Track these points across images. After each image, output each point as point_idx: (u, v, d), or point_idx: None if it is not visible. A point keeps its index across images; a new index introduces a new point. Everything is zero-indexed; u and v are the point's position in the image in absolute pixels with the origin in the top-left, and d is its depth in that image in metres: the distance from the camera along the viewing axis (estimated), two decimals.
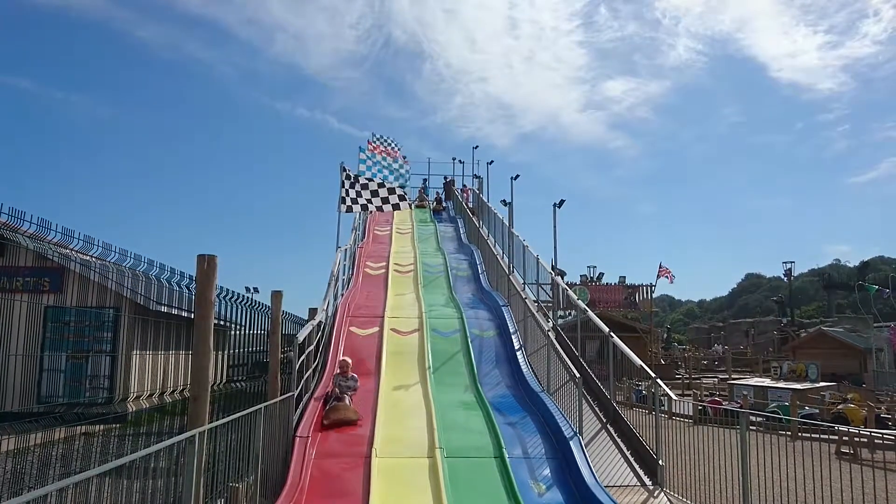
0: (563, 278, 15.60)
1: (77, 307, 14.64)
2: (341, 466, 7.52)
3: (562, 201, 20.84)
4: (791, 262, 51.60)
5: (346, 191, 15.40)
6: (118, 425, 10.44)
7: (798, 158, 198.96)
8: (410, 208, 16.53)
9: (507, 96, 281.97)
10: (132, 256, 15.37)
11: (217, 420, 5.34)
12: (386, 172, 19.20)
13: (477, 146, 35.60)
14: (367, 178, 15.99)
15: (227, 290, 9.27)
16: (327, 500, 6.82)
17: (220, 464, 5.53)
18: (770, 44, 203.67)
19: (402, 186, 16.14)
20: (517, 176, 18.98)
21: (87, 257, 15.39)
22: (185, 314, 15.54)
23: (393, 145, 24.82)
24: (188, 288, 12.87)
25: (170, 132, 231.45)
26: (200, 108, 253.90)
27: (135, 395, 13.82)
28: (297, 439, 7.83)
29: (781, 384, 23.83)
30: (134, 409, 13.32)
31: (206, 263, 5.12)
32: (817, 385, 23.17)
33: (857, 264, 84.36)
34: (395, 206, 15.74)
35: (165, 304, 14.97)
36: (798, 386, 22.75)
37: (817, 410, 19.13)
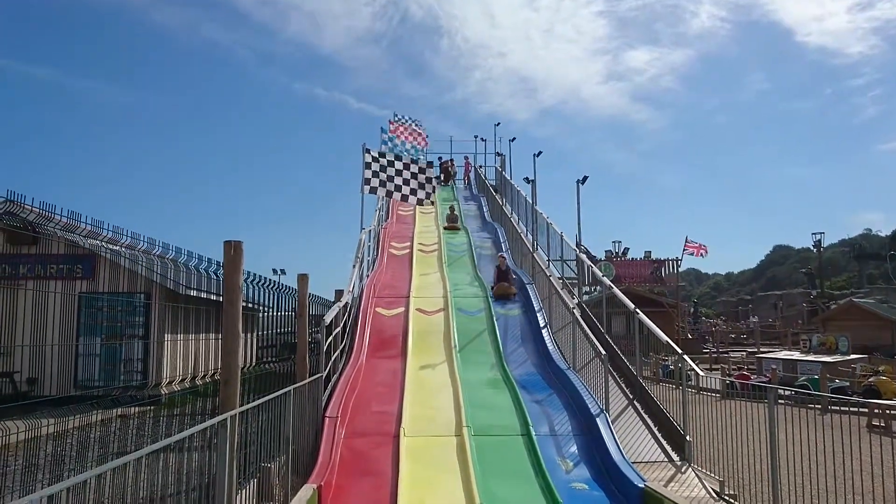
0: (586, 256, 15.49)
1: (109, 293, 14.96)
2: (370, 445, 7.64)
3: (585, 178, 20.65)
4: (821, 233, 50.55)
5: (372, 171, 15.40)
6: (152, 407, 10.71)
7: (827, 125, 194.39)
8: (433, 202, 16.61)
9: (526, 70, 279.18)
10: (160, 245, 15.69)
11: (249, 402, 5.44)
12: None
13: (499, 123, 35.25)
14: (392, 157, 15.90)
15: (255, 274, 9.40)
16: (357, 478, 6.95)
17: (253, 445, 5.65)
18: (796, 8, 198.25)
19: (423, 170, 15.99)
20: (540, 153, 18.82)
21: (117, 248, 15.69)
22: (213, 297, 15.80)
23: (416, 123, 24.68)
24: (216, 274, 13.07)
25: (190, 118, 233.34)
26: (218, 91, 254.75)
27: (168, 380, 14.11)
28: (327, 419, 7.96)
29: (811, 357, 23.56)
30: (167, 392, 13.64)
31: (233, 249, 5.18)
32: (848, 357, 22.88)
33: (888, 233, 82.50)
34: (420, 202, 15.72)
35: (195, 289, 15.23)
36: (828, 359, 22.47)
37: (848, 383, 18.90)
